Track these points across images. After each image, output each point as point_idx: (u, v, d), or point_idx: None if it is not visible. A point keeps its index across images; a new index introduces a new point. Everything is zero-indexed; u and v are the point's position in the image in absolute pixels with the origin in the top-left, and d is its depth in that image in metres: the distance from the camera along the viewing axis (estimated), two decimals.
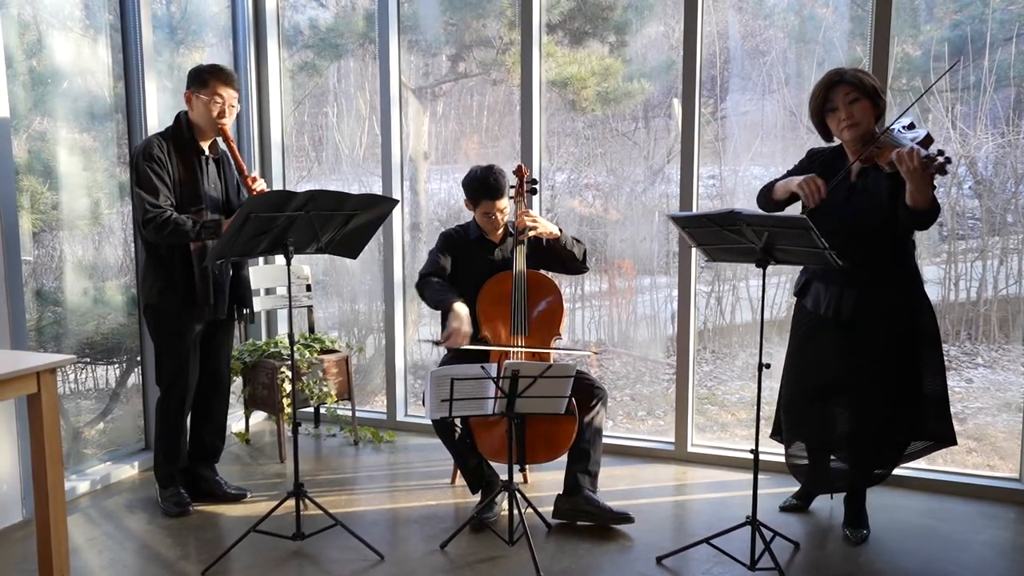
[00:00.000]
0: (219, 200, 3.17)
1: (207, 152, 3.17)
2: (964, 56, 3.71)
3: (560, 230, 3.21)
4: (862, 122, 2.72)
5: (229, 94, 3.10)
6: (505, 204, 3.20)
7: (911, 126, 2.71)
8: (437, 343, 3.03)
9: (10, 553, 2.92)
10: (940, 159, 2.45)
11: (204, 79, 3.07)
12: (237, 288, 3.28)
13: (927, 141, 2.59)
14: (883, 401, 2.82)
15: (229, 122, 3.12)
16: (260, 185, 3.11)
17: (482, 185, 3.16)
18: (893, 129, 2.68)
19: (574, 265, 3.29)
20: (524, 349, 3.12)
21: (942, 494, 3.35)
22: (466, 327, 3.01)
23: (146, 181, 2.99)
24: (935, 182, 2.56)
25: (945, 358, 2.90)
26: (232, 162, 3.20)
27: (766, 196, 2.94)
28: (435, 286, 3.17)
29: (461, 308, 3.03)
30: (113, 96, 3.67)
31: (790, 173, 2.96)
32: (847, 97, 2.72)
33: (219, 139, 3.17)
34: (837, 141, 2.87)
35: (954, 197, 3.99)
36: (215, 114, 3.07)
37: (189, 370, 3.19)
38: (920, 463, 3.42)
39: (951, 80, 3.77)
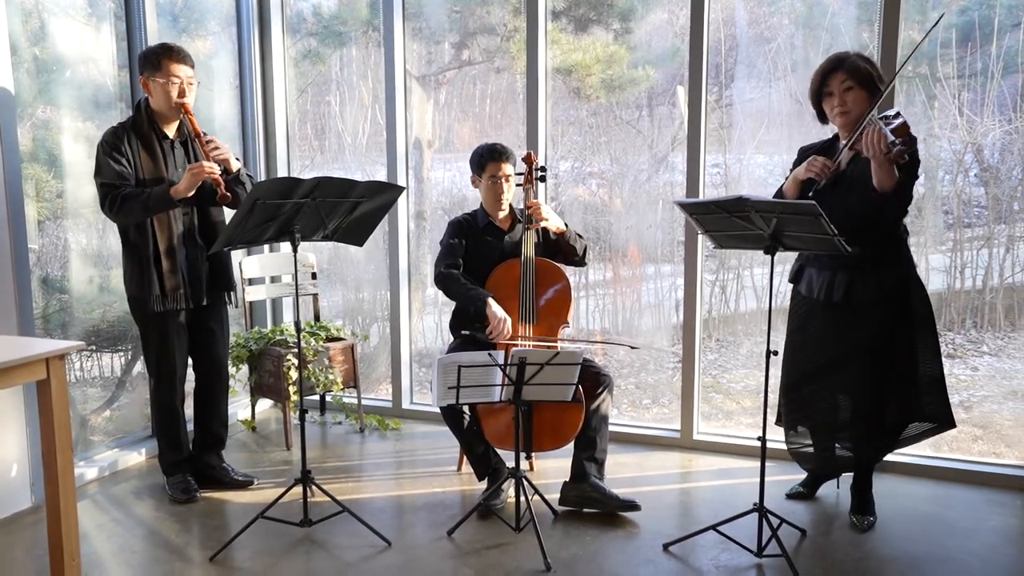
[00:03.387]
0: None
1: (171, 136, 3.13)
2: (971, 42, 3.69)
3: (565, 225, 3.25)
4: (852, 110, 2.76)
5: (185, 72, 3.04)
6: (511, 171, 3.23)
7: (897, 115, 2.71)
8: (483, 338, 3.06)
9: (20, 538, 2.94)
10: (898, 145, 2.51)
11: (156, 61, 3.01)
12: (218, 272, 3.25)
13: (901, 129, 2.60)
14: (879, 382, 2.84)
15: (191, 100, 3.07)
16: (220, 150, 3.02)
17: (489, 150, 3.22)
18: (877, 117, 2.68)
19: (573, 259, 3.33)
20: (537, 340, 3.12)
21: (949, 482, 3.35)
22: (509, 320, 3.07)
23: (103, 167, 2.98)
24: (915, 171, 2.58)
25: (951, 346, 2.92)
26: (191, 133, 3.10)
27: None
28: (460, 280, 3.19)
29: (496, 305, 3.08)
30: (117, 84, 3.66)
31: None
32: (842, 85, 2.76)
33: (182, 116, 3.09)
34: (833, 128, 2.91)
35: (960, 185, 3.98)
36: (175, 95, 3.02)
37: (175, 357, 3.18)
38: (926, 451, 3.43)
39: (958, 67, 3.75)
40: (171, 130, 3.13)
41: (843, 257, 2.68)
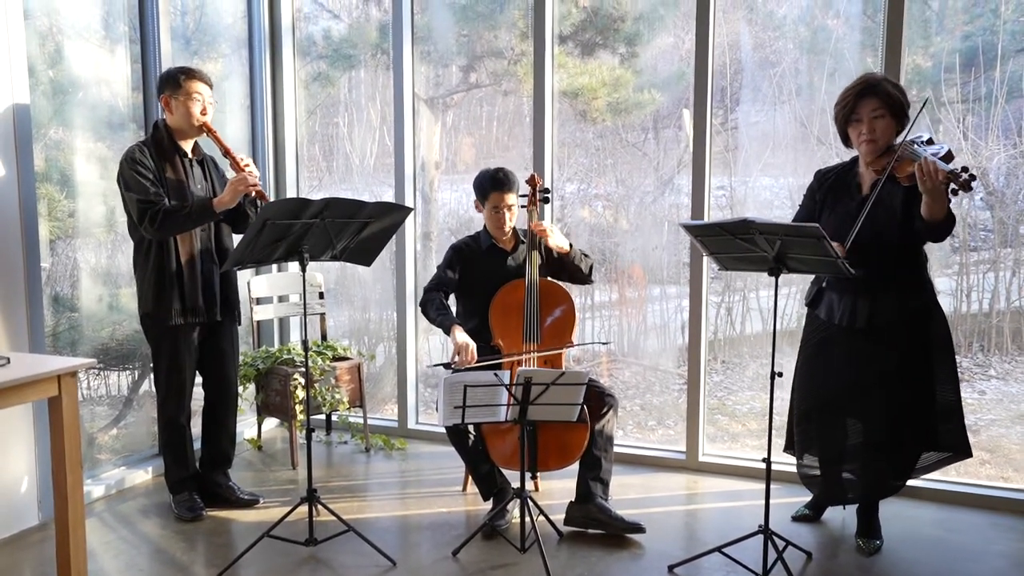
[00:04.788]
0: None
1: (190, 155, 3.18)
2: (975, 67, 3.72)
3: (570, 244, 3.26)
4: (880, 139, 2.74)
5: (206, 90, 3.12)
6: (514, 201, 3.24)
7: (930, 141, 2.70)
8: (449, 366, 3.07)
9: (28, 556, 2.94)
10: (964, 175, 2.45)
11: (178, 80, 3.09)
12: (228, 289, 3.28)
13: (948, 157, 2.57)
14: (896, 411, 2.82)
15: (210, 119, 3.13)
16: (252, 169, 3.08)
17: (492, 179, 3.22)
18: (912, 143, 2.67)
19: (579, 277, 3.34)
20: (536, 355, 3.13)
21: (956, 505, 3.34)
22: (472, 345, 3.06)
23: (133, 183, 3.02)
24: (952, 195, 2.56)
25: (958, 370, 2.90)
26: (220, 151, 3.15)
27: None
28: (436, 305, 3.22)
29: (460, 332, 3.09)
30: (130, 106, 3.71)
31: (802, 206, 3.01)
32: (873, 112, 2.73)
33: (205, 133, 3.14)
34: (854, 151, 2.89)
35: (966, 208, 3.99)
36: (198, 111, 3.08)
37: (185, 374, 3.20)
38: (933, 474, 3.40)
39: (962, 91, 3.78)
40: (188, 148, 3.18)
41: (866, 282, 2.68)
